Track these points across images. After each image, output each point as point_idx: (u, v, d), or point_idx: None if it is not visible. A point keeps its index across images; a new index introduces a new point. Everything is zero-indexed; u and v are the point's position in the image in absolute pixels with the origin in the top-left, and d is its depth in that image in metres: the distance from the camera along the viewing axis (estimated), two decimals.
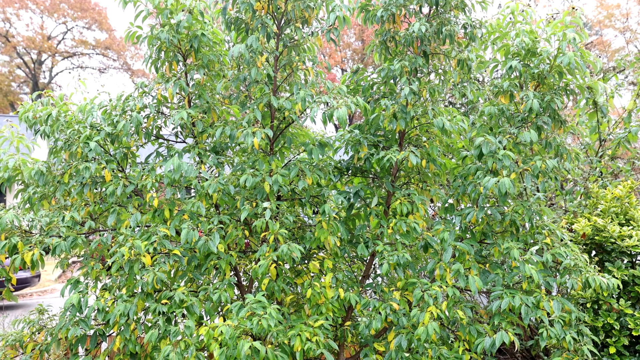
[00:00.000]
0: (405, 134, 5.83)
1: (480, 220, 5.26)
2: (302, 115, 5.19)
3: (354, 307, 5.34)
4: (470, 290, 5.33)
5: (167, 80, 5.23)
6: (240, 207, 4.96)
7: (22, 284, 14.34)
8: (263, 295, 4.72)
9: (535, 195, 6.06)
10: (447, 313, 5.02)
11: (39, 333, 5.51)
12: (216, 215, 4.98)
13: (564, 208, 7.30)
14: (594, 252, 6.22)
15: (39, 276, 15.11)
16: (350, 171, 6.05)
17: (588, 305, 5.76)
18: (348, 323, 5.54)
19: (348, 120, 5.51)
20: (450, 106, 6.53)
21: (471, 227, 5.56)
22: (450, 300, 5.00)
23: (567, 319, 4.86)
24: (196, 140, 5.33)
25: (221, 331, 4.38)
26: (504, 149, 5.26)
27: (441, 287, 5.08)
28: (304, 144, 5.14)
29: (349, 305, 5.55)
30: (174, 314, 4.67)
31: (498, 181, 4.94)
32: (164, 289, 4.93)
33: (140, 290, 4.78)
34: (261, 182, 4.93)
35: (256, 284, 5.80)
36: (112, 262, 4.83)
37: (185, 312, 4.75)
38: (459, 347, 5.11)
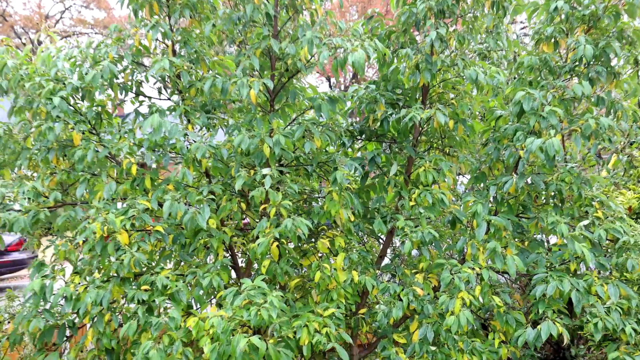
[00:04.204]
0: (428, 91, 4.97)
1: (520, 190, 4.44)
2: (309, 64, 4.32)
3: (370, 292, 4.56)
4: (507, 273, 4.54)
5: (146, 26, 4.36)
6: (235, 175, 4.13)
7: (18, 265, 13.53)
8: (263, 279, 3.93)
9: (572, 163, 5.24)
10: (481, 299, 4.24)
11: (9, 322, 4.75)
12: (206, 185, 4.16)
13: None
14: None
15: (36, 257, 14.35)
16: (364, 135, 5.20)
17: None
18: (363, 310, 4.77)
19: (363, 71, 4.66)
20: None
21: (507, 199, 4.74)
22: (484, 285, 4.21)
23: (626, 307, 4.08)
24: (182, 96, 4.47)
25: (212, 323, 3.61)
26: (549, 105, 4.41)
27: (473, 268, 4.29)
28: (311, 99, 4.29)
29: (364, 290, 4.77)
30: (157, 302, 3.87)
31: (544, 142, 4.10)
32: (146, 272, 4.14)
33: (116, 275, 3.99)
34: (260, 145, 4.09)
35: (256, 265, 5.01)
36: (83, 242, 4.04)
37: (170, 300, 3.97)
38: (493, 339, 4.35)
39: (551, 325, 3.92)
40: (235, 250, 5.00)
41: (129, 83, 4.63)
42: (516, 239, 4.61)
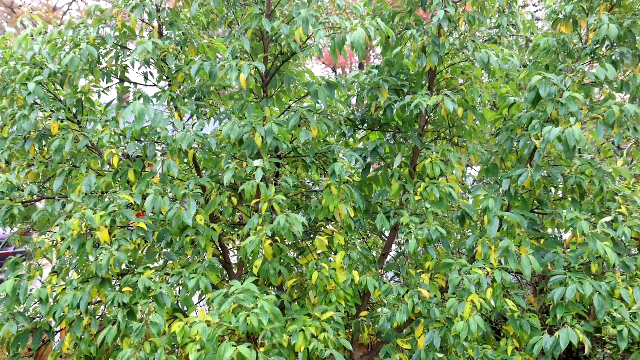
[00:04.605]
0: (435, 77, 4.60)
1: (535, 183, 4.07)
2: (304, 46, 3.97)
3: (372, 294, 4.22)
4: (521, 274, 4.19)
5: (130, 5, 4.02)
6: (224, 167, 3.80)
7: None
8: (256, 280, 3.60)
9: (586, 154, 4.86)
10: (492, 302, 3.89)
11: None
12: (193, 178, 3.83)
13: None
14: None
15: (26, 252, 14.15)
16: (365, 124, 4.85)
17: None
18: (364, 313, 4.44)
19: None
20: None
21: (520, 193, 4.37)
22: (496, 287, 3.86)
23: None
24: (169, 82, 4.13)
25: (198, 330, 3.29)
26: (567, 90, 4.03)
27: (484, 268, 3.94)
28: (307, 85, 3.93)
29: (365, 291, 4.43)
30: (138, 305, 3.56)
31: (563, 131, 3.73)
32: (128, 272, 3.83)
33: (95, 275, 3.68)
34: (251, 134, 3.75)
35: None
36: (61, 239, 3.73)
37: (154, 303, 3.65)
38: (506, 345, 4.00)
39: (570, 332, 3.56)
40: (229, 247, 4.68)
41: (113, 68, 4.31)
42: (530, 237, 4.25)
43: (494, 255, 4.06)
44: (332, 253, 4.42)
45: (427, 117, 4.62)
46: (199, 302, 4.59)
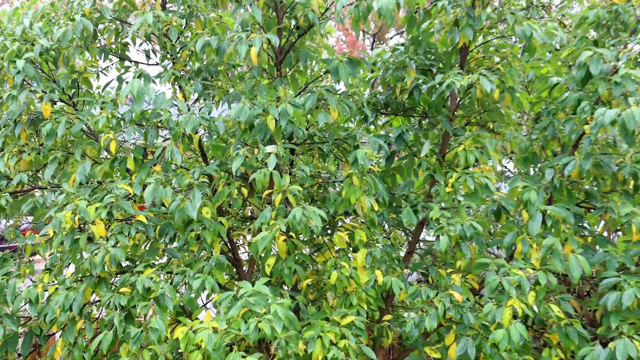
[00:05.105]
0: (467, 55, 4.14)
1: (585, 173, 3.60)
2: (323, 17, 3.53)
3: (397, 296, 3.80)
4: (565, 275, 3.73)
5: None
6: (233, 154, 3.39)
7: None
8: (267, 282, 3.19)
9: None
10: (535, 308, 3.44)
11: None
12: (199, 166, 3.43)
13: None
14: None
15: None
16: (389, 109, 4.40)
17: None
18: (388, 317, 4.01)
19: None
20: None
21: (565, 185, 3.90)
22: (540, 290, 3.41)
23: None
24: (173, 59, 3.73)
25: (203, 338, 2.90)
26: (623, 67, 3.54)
27: (524, 269, 3.49)
28: (327, 61, 3.49)
29: (388, 292, 3.98)
30: (137, 307, 3.17)
31: (619, 114, 3.25)
32: (128, 270, 3.45)
33: (90, 274, 3.30)
34: (263, 117, 3.33)
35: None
36: (53, 234, 3.36)
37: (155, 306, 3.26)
38: (550, 356, 3.55)
39: (628, 344, 3.10)
40: (239, 242, 4.29)
41: (113, 46, 3.92)
42: (576, 234, 3.78)
43: (535, 255, 3.61)
44: (352, 250, 4.01)
45: (458, 100, 4.16)
46: (205, 304, 4.20)
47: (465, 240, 3.66)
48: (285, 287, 3.80)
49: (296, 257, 3.48)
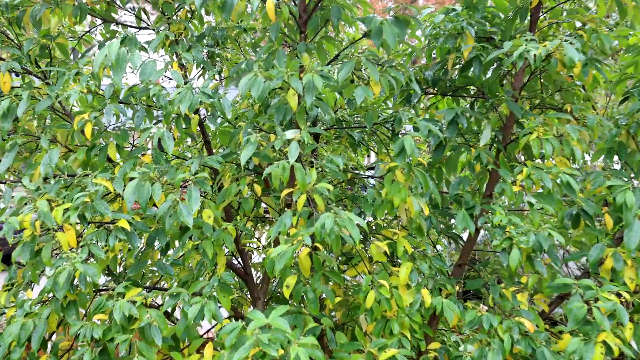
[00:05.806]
0: (537, 19, 3.29)
1: None
2: None
3: (449, 321, 2.99)
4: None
5: None
6: (242, 140, 2.59)
7: None
8: (285, 313, 2.38)
9: None
10: (634, 345, 2.62)
11: None
12: (197, 157, 2.64)
13: None
14: None
15: None
16: (436, 87, 3.56)
17: None
18: (435, 346, 3.20)
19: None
20: None
21: None
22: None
23: None
24: (168, 19, 2.92)
25: None
26: None
27: (617, 293, 2.68)
28: (365, 20, 2.66)
29: (433, 314, 3.16)
30: (115, 341, 2.41)
31: None
32: (104, 291, 2.69)
33: (54, 296, 2.54)
34: (282, 92, 2.52)
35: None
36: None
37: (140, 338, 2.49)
38: None
39: None
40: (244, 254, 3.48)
41: (97, 6, 3.13)
42: None
43: (630, 273, 2.80)
44: (390, 262, 3.22)
45: (526, 76, 3.31)
46: (207, 331, 3.42)
47: (539, 253, 2.84)
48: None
49: (324, 277, 2.68)
